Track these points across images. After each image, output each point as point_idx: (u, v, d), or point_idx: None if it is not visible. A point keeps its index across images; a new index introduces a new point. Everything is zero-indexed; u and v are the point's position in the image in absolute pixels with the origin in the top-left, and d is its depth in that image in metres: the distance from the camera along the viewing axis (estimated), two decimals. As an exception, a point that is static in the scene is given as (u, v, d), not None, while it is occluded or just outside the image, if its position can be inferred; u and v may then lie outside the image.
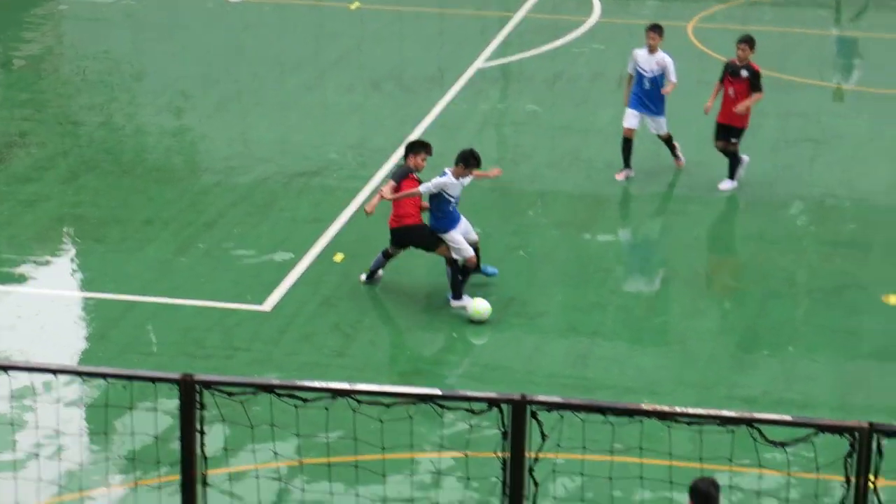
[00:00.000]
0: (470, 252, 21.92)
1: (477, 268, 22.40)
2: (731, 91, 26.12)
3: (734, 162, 26.70)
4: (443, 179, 21.75)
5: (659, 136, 27.20)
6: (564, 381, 20.27)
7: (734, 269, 24.11)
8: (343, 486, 14.69)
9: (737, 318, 22.46)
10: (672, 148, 27.40)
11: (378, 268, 22.83)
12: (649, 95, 26.56)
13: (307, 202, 26.13)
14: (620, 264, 24.27)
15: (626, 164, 27.22)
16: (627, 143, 27.06)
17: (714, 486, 12.85)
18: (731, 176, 26.74)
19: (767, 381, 20.54)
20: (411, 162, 22.29)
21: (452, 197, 21.86)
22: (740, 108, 25.91)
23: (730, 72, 26.23)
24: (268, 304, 22.40)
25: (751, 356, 21.26)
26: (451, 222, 21.94)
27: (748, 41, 26.17)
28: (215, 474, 11.40)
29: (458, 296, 22.10)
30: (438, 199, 21.84)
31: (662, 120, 26.79)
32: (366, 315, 22.16)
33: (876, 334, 21.84)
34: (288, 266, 23.57)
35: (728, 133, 26.40)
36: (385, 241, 22.35)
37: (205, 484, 9.17)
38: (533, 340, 21.63)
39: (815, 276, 23.63)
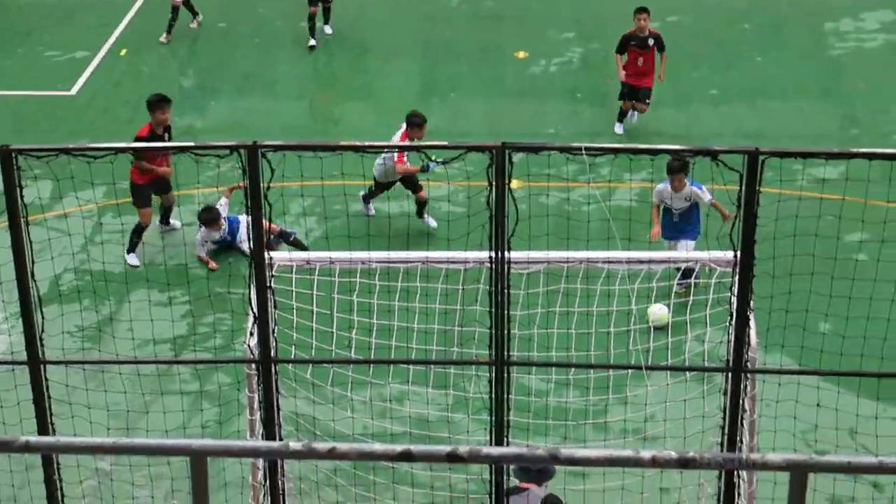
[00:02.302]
0: None
1: None
2: None
3: None
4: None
5: None
6: (300, 131, 19.98)
7: (411, 44, 23.74)
8: (128, 219, 14.31)
9: (415, 76, 22.26)
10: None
11: None
12: None
13: (98, 13, 24.91)
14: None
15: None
16: None
17: None
18: None
19: (441, 119, 20.42)
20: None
21: None
22: None
23: None
24: (74, 90, 21.57)
25: (427, 101, 21.10)
26: None
27: None
28: (36, 218, 10.87)
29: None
30: None
31: None
32: (149, 92, 21.38)
33: (512, 80, 21.91)
34: (86, 61, 22.59)
35: None
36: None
37: (27, 224, 8.78)
38: (268, 105, 21.23)
39: (468, 43, 23.42)
